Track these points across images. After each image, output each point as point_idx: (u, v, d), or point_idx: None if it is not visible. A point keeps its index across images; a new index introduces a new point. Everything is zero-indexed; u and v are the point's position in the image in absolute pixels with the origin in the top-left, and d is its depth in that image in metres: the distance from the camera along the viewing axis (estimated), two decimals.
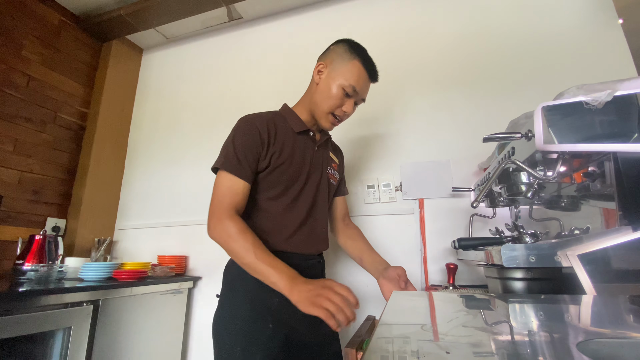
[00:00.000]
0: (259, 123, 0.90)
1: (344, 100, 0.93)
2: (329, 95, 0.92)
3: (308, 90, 1.01)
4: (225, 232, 0.78)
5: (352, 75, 0.92)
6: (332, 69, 0.93)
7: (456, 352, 0.29)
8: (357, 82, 0.92)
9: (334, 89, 0.92)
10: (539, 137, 0.61)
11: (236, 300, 0.86)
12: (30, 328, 1.00)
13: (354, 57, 0.93)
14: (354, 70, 0.92)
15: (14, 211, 1.67)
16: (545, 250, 0.62)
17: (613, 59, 1.30)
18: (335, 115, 0.95)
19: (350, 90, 0.92)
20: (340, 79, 0.91)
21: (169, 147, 2.07)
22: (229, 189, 0.83)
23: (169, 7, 1.89)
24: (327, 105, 0.93)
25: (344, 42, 0.97)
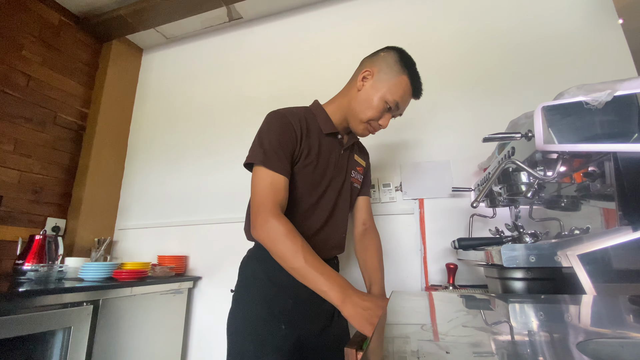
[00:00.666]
0: (292, 118, 0.87)
1: (384, 113, 0.90)
2: (370, 106, 0.88)
3: (345, 92, 0.96)
4: (273, 232, 0.73)
5: (398, 91, 0.87)
6: (378, 79, 0.89)
7: (456, 352, 0.29)
8: (401, 98, 0.88)
9: (376, 101, 0.88)
10: (539, 137, 0.61)
11: (251, 299, 0.85)
12: (30, 328, 1.00)
13: (404, 71, 0.88)
14: (401, 85, 0.87)
15: (14, 211, 1.67)
16: (545, 250, 0.62)
17: (613, 59, 1.30)
18: (372, 126, 0.92)
19: (393, 105, 0.88)
20: (385, 91, 0.87)
21: (169, 147, 2.07)
22: (270, 185, 0.79)
23: (169, 7, 1.89)
24: (366, 116, 0.89)
25: (396, 51, 0.92)
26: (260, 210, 0.76)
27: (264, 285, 0.85)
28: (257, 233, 0.76)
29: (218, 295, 1.68)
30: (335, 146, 0.96)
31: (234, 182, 1.82)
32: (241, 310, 0.86)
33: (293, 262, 0.71)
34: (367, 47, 1.73)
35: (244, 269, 0.92)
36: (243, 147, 1.86)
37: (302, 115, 0.91)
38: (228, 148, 1.89)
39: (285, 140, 0.84)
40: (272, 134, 0.84)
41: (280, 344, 0.79)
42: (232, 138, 1.90)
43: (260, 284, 0.86)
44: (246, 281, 0.89)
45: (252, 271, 0.89)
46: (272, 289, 0.84)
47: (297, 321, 0.83)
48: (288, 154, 0.83)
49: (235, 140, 1.89)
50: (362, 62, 0.97)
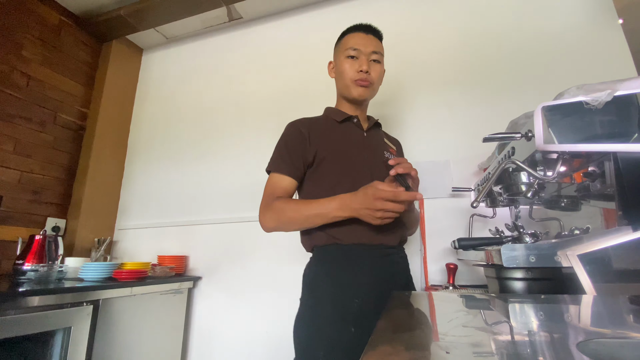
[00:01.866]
0: (300, 123, 0.96)
1: (353, 63, 0.95)
2: (342, 70, 0.97)
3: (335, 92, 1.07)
4: (271, 213, 0.84)
5: (347, 44, 0.97)
6: (335, 59, 1.02)
7: (456, 352, 0.29)
8: (352, 44, 0.96)
9: (340, 66, 0.98)
10: (539, 137, 0.61)
11: (316, 302, 0.84)
12: (30, 328, 1.00)
13: (343, 35, 1.01)
14: (344, 42, 0.98)
15: (14, 211, 1.67)
16: (545, 250, 0.62)
17: (613, 59, 1.30)
18: (356, 79, 0.95)
19: (350, 52, 0.95)
20: (341, 55, 0.98)
21: (169, 147, 2.07)
22: (274, 184, 0.90)
23: (169, 7, 1.89)
24: (346, 78, 0.96)
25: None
26: (263, 205, 0.88)
27: (327, 287, 0.84)
28: (264, 221, 0.86)
29: (218, 295, 1.68)
30: (355, 130, 0.99)
31: (234, 182, 1.82)
32: (307, 314, 0.85)
33: (300, 213, 0.82)
34: None
35: (307, 273, 0.92)
36: (243, 147, 1.88)
37: (314, 119, 1.00)
38: (228, 148, 1.89)
39: (293, 143, 0.92)
40: (282, 142, 0.94)
41: (350, 347, 0.76)
42: (232, 138, 1.90)
43: (324, 286, 0.84)
44: (310, 284, 0.88)
45: (314, 274, 0.89)
46: (336, 290, 0.83)
47: (366, 322, 0.79)
48: (297, 156, 0.91)
49: (235, 140, 1.89)
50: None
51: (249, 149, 1.84)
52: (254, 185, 1.73)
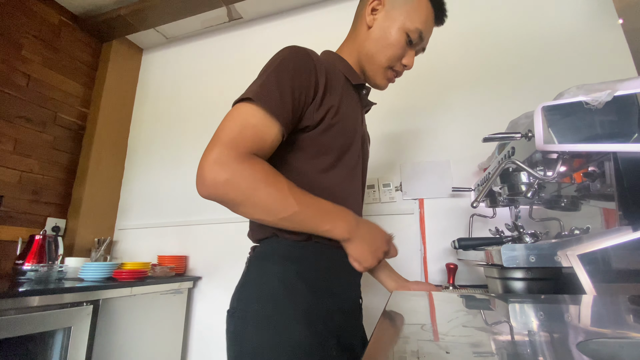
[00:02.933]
0: (316, 58, 0.66)
1: (406, 49, 0.72)
2: (389, 43, 0.70)
3: (353, 36, 0.78)
4: (247, 174, 0.52)
5: (420, 16, 0.69)
6: (392, 6, 0.70)
7: (456, 352, 0.29)
8: (424, 25, 0.70)
9: (394, 34, 0.70)
10: (539, 137, 0.61)
11: (284, 319, 0.56)
12: (30, 328, 1.00)
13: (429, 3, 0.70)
14: (421, 8, 0.69)
15: (14, 211, 1.67)
16: (545, 250, 0.62)
17: (613, 59, 1.30)
18: (392, 71, 0.75)
19: (415, 36, 0.70)
20: (405, 19, 0.69)
21: (169, 147, 2.07)
22: (252, 127, 0.55)
23: (169, 7, 1.89)
24: (386, 57, 0.72)
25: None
26: (215, 148, 0.53)
27: (299, 294, 0.58)
28: (209, 178, 0.53)
29: (218, 295, 1.68)
30: (358, 104, 0.76)
31: None
32: (271, 338, 0.55)
33: (284, 210, 0.53)
34: None
35: (259, 274, 0.62)
36: None
37: (330, 62, 0.72)
38: None
39: (301, 81, 0.59)
40: (284, 69, 0.59)
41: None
42: None
43: (295, 292, 0.58)
44: (269, 292, 0.58)
45: (277, 276, 0.59)
46: (311, 299, 0.58)
47: (347, 341, 0.61)
48: (299, 102, 0.59)
49: None
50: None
51: None
52: None
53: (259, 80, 0.60)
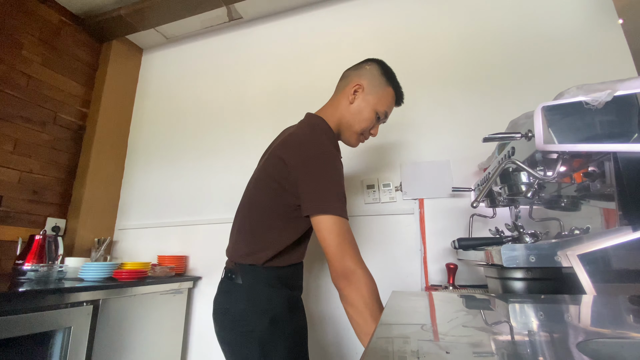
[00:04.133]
0: (338, 154, 0.89)
1: (374, 123, 0.98)
2: (363, 118, 0.95)
3: (335, 103, 0.99)
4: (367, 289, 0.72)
5: (387, 102, 0.96)
6: (368, 92, 0.95)
7: (456, 352, 0.29)
8: (389, 108, 0.97)
9: (367, 112, 0.95)
10: (539, 137, 0.61)
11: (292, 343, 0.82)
12: (30, 328, 1.00)
13: (389, 83, 0.96)
14: (388, 96, 0.96)
15: (14, 211, 1.67)
16: (545, 250, 0.62)
17: (613, 59, 1.30)
18: (363, 137, 0.99)
19: (382, 115, 0.97)
20: (376, 103, 0.94)
21: (169, 147, 2.07)
22: (350, 234, 0.76)
23: (169, 7, 1.89)
24: (361, 127, 0.96)
25: (378, 64, 0.98)
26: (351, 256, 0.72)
27: (302, 317, 0.89)
28: (349, 278, 0.71)
29: None
30: None
31: (234, 182, 1.82)
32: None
33: (372, 326, 0.69)
34: (367, 47, 1.74)
35: (262, 304, 0.80)
36: (243, 147, 1.88)
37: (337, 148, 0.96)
38: (228, 148, 1.89)
39: (343, 182, 0.82)
40: (338, 178, 0.80)
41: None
42: (232, 138, 1.90)
43: (299, 317, 0.87)
44: (274, 317, 0.80)
45: (284, 307, 0.82)
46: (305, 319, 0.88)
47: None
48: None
49: (235, 140, 1.89)
50: (346, 74, 1.01)
51: (249, 149, 1.84)
52: None
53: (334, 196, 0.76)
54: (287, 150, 0.83)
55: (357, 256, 0.73)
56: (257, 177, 0.92)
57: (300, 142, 0.84)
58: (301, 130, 0.91)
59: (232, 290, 0.84)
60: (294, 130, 0.94)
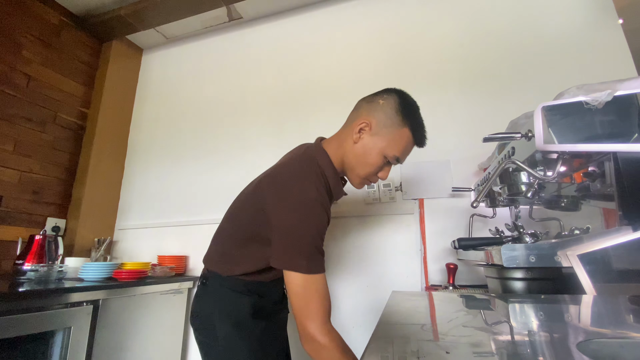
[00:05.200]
0: (326, 205, 0.76)
1: (382, 167, 0.83)
2: (367, 162, 0.81)
3: (342, 137, 0.85)
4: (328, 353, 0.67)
5: (399, 145, 0.79)
6: (375, 132, 0.79)
7: (456, 352, 0.29)
8: (402, 152, 0.81)
9: (373, 156, 0.80)
10: (539, 137, 0.61)
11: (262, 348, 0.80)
12: (30, 328, 1.00)
13: (405, 123, 0.79)
14: (402, 139, 0.79)
15: (14, 211, 1.67)
16: (545, 250, 0.62)
17: (613, 59, 1.30)
18: (370, 180, 0.86)
19: (392, 160, 0.81)
20: (385, 146, 0.79)
21: (169, 147, 2.07)
22: (324, 295, 0.70)
23: (169, 7, 1.89)
24: (364, 172, 0.82)
25: (396, 97, 0.81)
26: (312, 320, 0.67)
27: (270, 324, 0.86)
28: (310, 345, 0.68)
29: None
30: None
31: (234, 182, 1.82)
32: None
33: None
34: (367, 47, 1.74)
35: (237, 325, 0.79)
36: (243, 147, 1.88)
37: (325, 186, 0.80)
38: (228, 148, 1.89)
39: (323, 234, 0.75)
40: (314, 232, 0.72)
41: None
42: (232, 138, 1.90)
43: (266, 323, 0.83)
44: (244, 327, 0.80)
45: (262, 329, 0.81)
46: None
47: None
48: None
49: (235, 140, 1.89)
50: (358, 104, 0.88)
51: (249, 149, 1.84)
52: None
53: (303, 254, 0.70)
54: (270, 187, 0.78)
55: (320, 320, 0.67)
56: (246, 197, 0.88)
57: (283, 184, 0.76)
58: (291, 167, 0.80)
59: (202, 294, 0.86)
60: (286, 160, 0.86)
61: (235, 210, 0.90)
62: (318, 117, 1.71)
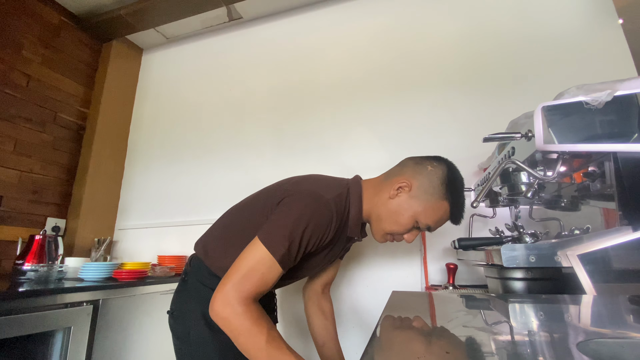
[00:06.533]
0: (335, 217, 0.74)
1: (411, 230, 0.80)
2: (397, 221, 0.78)
3: (379, 188, 0.82)
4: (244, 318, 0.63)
5: (434, 216, 0.77)
6: (415, 195, 0.76)
7: (456, 352, 0.29)
8: (435, 223, 0.78)
9: (405, 218, 0.77)
10: (539, 137, 0.61)
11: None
12: (30, 328, 1.00)
13: (446, 197, 0.76)
14: (439, 211, 0.77)
15: (14, 211, 1.67)
16: (545, 250, 0.62)
17: (613, 59, 1.30)
18: (394, 237, 0.83)
19: (423, 226, 0.78)
20: (419, 211, 0.76)
21: (169, 147, 2.07)
22: (261, 273, 0.66)
23: (169, 7, 1.89)
24: (391, 229, 0.80)
25: (445, 168, 0.79)
26: (231, 288, 0.64)
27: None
28: (216, 309, 0.64)
29: None
30: (344, 241, 0.87)
31: (233, 182, 1.82)
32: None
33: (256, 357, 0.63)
34: (367, 47, 1.74)
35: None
36: (243, 147, 1.88)
37: (342, 207, 0.78)
38: (228, 148, 1.89)
39: (314, 241, 0.72)
40: (306, 229, 0.69)
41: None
42: (232, 138, 1.90)
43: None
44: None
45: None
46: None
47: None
48: (303, 250, 0.72)
49: (235, 140, 1.89)
50: (405, 162, 0.85)
51: (249, 149, 1.84)
52: (254, 185, 1.73)
53: (279, 222, 0.70)
54: (292, 185, 0.79)
55: (248, 296, 0.64)
56: (258, 194, 0.88)
57: (305, 185, 0.77)
58: (320, 177, 0.82)
59: (181, 291, 0.88)
60: (320, 175, 0.86)
61: (244, 207, 0.89)
62: (318, 117, 1.71)
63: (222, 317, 0.63)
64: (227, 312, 0.63)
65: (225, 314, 0.63)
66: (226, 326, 0.64)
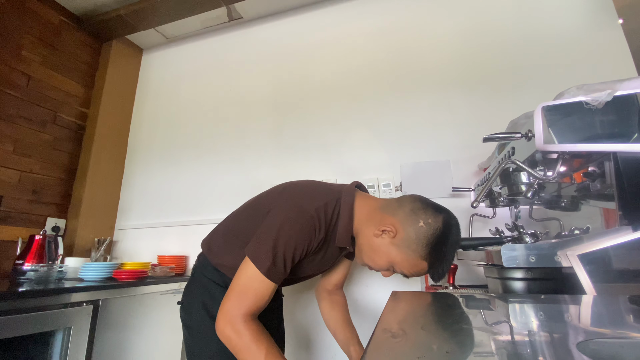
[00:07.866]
0: (320, 220, 0.75)
1: (388, 269, 0.79)
2: (373, 260, 0.78)
3: (373, 215, 0.79)
4: (237, 340, 0.68)
5: (410, 269, 0.76)
6: (396, 244, 0.74)
7: (456, 352, 0.29)
8: (411, 274, 0.77)
9: (382, 260, 0.76)
10: (539, 137, 0.61)
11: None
12: (30, 328, 1.00)
13: (426, 259, 0.73)
14: (415, 268, 0.75)
15: (14, 211, 1.67)
16: (545, 250, 0.62)
17: (613, 59, 1.30)
18: (370, 269, 0.84)
19: (398, 272, 0.78)
20: (397, 260, 0.75)
21: (168, 146, 2.07)
22: (254, 290, 0.70)
23: (169, 7, 1.89)
24: (367, 263, 0.81)
25: (439, 228, 0.72)
26: (231, 306, 0.69)
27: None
28: (221, 328, 0.69)
29: None
30: (337, 249, 0.86)
31: (233, 182, 1.82)
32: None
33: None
34: (367, 47, 1.74)
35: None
36: (243, 147, 1.88)
37: (330, 217, 0.77)
38: (228, 148, 1.90)
39: (299, 252, 0.73)
40: (289, 242, 0.72)
41: None
42: (232, 138, 1.90)
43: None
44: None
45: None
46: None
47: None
48: (292, 262, 0.74)
49: (235, 140, 1.89)
50: (405, 202, 0.78)
51: (249, 149, 1.84)
52: (254, 185, 1.73)
53: (263, 236, 0.73)
54: (284, 192, 0.82)
55: (246, 313, 0.69)
56: (256, 199, 0.91)
57: (297, 191, 0.80)
58: (310, 183, 0.84)
59: (189, 284, 0.94)
60: (314, 181, 0.88)
61: (245, 210, 0.93)
62: (318, 117, 1.71)
63: (225, 336, 0.68)
64: (228, 331, 0.68)
65: (227, 333, 0.68)
66: (228, 344, 0.69)
